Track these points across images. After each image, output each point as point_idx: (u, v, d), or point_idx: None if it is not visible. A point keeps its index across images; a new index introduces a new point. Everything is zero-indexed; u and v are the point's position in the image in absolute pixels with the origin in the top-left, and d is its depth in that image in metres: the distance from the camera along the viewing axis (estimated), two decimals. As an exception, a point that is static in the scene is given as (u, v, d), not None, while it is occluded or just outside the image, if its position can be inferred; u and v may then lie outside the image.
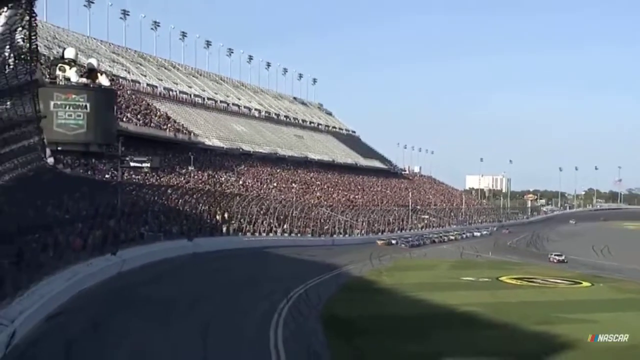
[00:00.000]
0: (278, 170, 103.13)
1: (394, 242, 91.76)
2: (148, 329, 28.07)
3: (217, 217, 68.91)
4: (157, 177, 67.28)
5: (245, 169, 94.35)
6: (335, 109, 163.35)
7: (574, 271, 63.75)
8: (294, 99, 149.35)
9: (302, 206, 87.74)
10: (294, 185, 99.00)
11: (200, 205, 66.57)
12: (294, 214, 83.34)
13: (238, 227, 70.87)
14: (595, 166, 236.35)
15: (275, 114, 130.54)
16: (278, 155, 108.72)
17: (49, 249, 32.63)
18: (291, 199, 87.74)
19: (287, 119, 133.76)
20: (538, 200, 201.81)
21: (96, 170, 58.53)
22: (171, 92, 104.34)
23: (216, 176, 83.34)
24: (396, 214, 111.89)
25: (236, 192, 77.71)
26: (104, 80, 41.53)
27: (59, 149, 37.97)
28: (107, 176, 57.58)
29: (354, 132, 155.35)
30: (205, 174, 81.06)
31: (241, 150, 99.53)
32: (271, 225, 77.24)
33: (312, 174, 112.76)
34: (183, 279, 44.26)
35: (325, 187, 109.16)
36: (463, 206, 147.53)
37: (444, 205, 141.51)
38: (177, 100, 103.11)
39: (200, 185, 73.41)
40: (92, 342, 25.07)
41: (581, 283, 55.38)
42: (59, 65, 40.47)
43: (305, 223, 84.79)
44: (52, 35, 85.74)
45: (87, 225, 41.66)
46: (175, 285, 40.96)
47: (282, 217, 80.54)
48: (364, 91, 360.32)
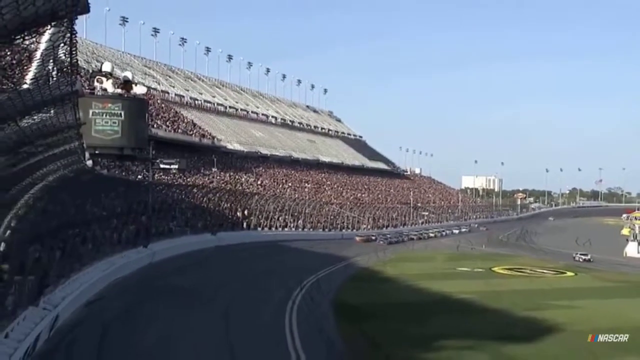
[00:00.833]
0: (292, 172, 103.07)
1: (373, 239, 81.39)
2: (176, 313, 28.19)
3: (238, 214, 69.04)
4: (184, 178, 67.41)
5: (263, 171, 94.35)
6: (344, 116, 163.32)
7: (559, 262, 63.53)
8: (307, 107, 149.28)
9: (314, 204, 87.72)
10: (306, 185, 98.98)
11: (223, 203, 66.72)
12: (306, 211, 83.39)
13: (256, 223, 71.02)
14: (579, 168, 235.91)
15: (290, 121, 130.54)
16: (292, 158, 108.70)
17: (88, 242, 32.82)
18: (304, 198, 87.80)
19: (301, 125, 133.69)
20: (527, 199, 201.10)
21: (130, 171, 58.73)
22: (196, 101, 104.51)
23: (237, 177, 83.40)
24: (399, 210, 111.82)
25: (255, 191, 77.80)
26: (139, 90, 41.69)
27: (96, 152, 38.16)
28: (139, 177, 57.76)
29: (361, 137, 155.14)
30: (227, 175, 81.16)
31: (259, 153, 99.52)
32: (286, 221, 77.34)
33: (323, 174, 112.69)
34: (207, 269, 44.40)
35: (335, 186, 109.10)
36: (459, 204, 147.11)
37: (442, 203, 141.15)
38: (202, 109, 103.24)
39: (223, 185, 73.50)
40: (126, 325, 25.22)
41: (566, 273, 55.16)
42: (97, 77, 40.69)
43: (317, 219, 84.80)
44: (91, 51, 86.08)
45: (122, 221, 41.87)
46: (200, 274, 41.08)
47: (296, 214, 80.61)
48: (370, 100, 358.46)
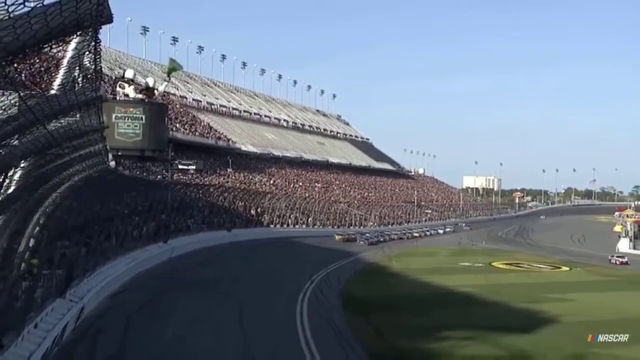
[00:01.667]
0: (303, 172, 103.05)
1: (353, 237, 71.73)
2: (195, 303, 28.27)
3: (252, 212, 69.10)
4: (201, 178, 67.53)
5: (275, 171, 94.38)
6: (351, 119, 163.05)
7: (555, 257, 63.34)
8: (317, 111, 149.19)
9: (324, 202, 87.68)
10: (316, 184, 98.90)
11: (237, 202, 66.79)
12: (316, 209, 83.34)
13: (269, 220, 71.10)
14: (574, 168, 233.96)
15: (300, 124, 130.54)
16: (303, 159, 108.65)
17: (111, 238, 32.91)
18: (314, 196, 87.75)
19: (311, 128, 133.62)
20: (524, 198, 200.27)
21: (150, 172, 58.88)
22: (213, 106, 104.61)
23: (250, 177, 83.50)
24: (403, 209, 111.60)
25: (267, 191, 77.84)
26: (160, 87, 41.68)
27: (119, 154, 38.11)
28: (159, 177, 57.89)
29: (368, 139, 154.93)
30: (241, 175, 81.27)
31: (272, 154, 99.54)
32: (297, 219, 77.36)
33: (332, 175, 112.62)
34: (223, 263, 44.46)
35: (343, 186, 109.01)
36: (460, 202, 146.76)
37: (444, 201, 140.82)
38: (217, 113, 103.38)
39: (237, 185, 73.58)
40: (148, 315, 25.30)
41: (561, 268, 55.02)
42: (120, 83, 40.77)
43: (326, 217, 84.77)
44: (114, 58, 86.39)
45: (143, 218, 41.93)
46: (217, 268, 41.14)
47: (306, 212, 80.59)
48: (376, 104, 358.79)
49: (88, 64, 10.96)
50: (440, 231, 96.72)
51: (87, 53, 10.25)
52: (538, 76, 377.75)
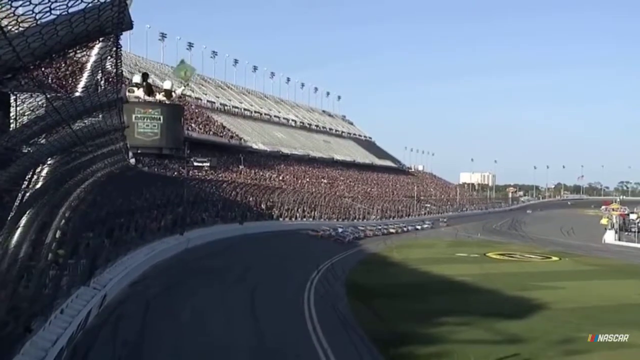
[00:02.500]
0: (310, 169, 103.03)
1: (328, 233, 62.05)
2: (209, 290, 28.37)
3: (262, 206, 69.13)
4: (215, 174, 67.63)
5: (284, 168, 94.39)
6: (355, 119, 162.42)
7: (545, 248, 63.20)
8: (323, 111, 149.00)
9: (329, 197, 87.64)
10: (322, 180, 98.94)
11: (249, 196, 66.84)
12: (322, 203, 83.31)
13: (278, 214, 71.14)
14: (563, 165, 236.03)
15: (307, 124, 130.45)
16: (310, 156, 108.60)
17: (131, 230, 33.04)
18: (320, 192, 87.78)
19: (317, 128, 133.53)
20: (517, 192, 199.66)
21: (167, 168, 59.02)
22: (226, 107, 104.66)
23: (261, 173, 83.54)
24: (404, 203, 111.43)
25: (277, 186, 77.84)
26: (178, 91, 41.70)
27: (138, 151, 38.35)
28: (175, 173, 58.05)
29: (371, 138, 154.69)
30: (252, 172, 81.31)
31: (281, 152, 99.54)
32: (304, 212, 77.38)
33: (337, 171, 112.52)
34: (235, 254, 44.51)
35: (348, 181, 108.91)
36: (457, 197, 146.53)
37: (442, 196, 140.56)
38: (230, 113, 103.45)
39: (248, 180, 73.64)
40: (166, 301, 25.39)
41: (551, 258, 54.86)
42: (129, 88, 40.67)
43: (331, 210, 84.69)
44: (134, 63, 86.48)
45: (161, 211, 42.07)
46: (229, 258, 41.22)
47: (313, 206, 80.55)
48: (378, 105, 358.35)
49: (110, 68, 10.99)
50: (419, 227, 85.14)
51: (109, 58, 10.27)
52: (530, 79, 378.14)
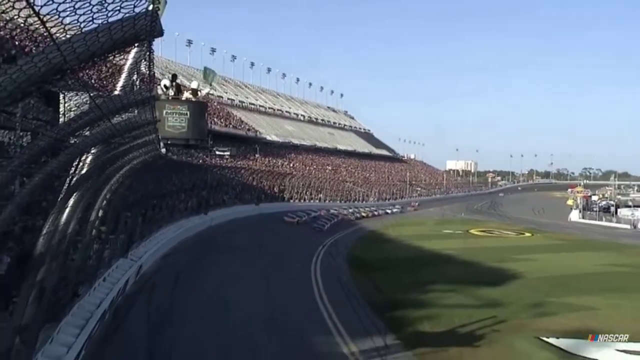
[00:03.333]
0: (316, 157, 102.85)
1: (304, 219, 53.71)
2: (230, 262, 28.57)
3: (275, 189, 69.28)
4: (234, 162, 67.69)
5: (294, 156, 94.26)
6: (356, 114, 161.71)
7: (520, 225, 63.18)
8: (328, 107, 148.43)
9: (333, 182, 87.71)
10: (327, 167, 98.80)
11: (263, 181, 67.01)
12: (327, 187, 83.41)
13: (289, 196, 71.23)
14: (535, 154, 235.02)
15: (314, 118, 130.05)
16: (316, 146, 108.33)
17: (163, 210, 33.18)
18: (325, 177, 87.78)
19: (323, 122, 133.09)
20: (496, 178, 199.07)
21: (193, 157, 58.95)
22: (243, 104, 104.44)
23: (274, 161, 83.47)
24: (398, 187, 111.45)
25: (288, 172, 77.91)
26: (204, 91, 41.65)
27: (168, 142, 38.19)
28: (200, 161, 58.14)
29: (369, 130, 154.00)
30: (267, 160, 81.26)
31: (291, 143, 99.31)
32: (311, 195, 77.46)
33: (340, 159, 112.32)
34: (252, 230, 44.68)
35: (349, 168, 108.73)
36: (444, 182, 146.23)
37: (431, 181, 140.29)
38: (247, 109, 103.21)
39: (263, 167, 73.68)
40: (193, 271, 25.57)
41: (524, 234, 54.90)
42: (156, 87, 40.60)
43: (335, 193, 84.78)
44: (164, 65, 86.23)
45: (188, 194, 42.23)
46: (247, 234, 41.40)
47: (319, 189, 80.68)
48: (376, 101, 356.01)
49: (144, 70, 11.01)
50: (389, 211, 78.56)
51: (143, 61, 10.28)
52: (507, 77, 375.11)
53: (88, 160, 10.40)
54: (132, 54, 9.86)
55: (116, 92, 10.07)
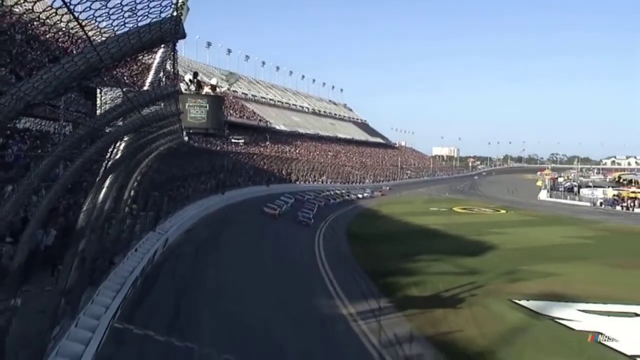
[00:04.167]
0: (319, 145, 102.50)
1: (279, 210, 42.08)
2: (244, 235, 28.69)
3: (283, 172, 69.24)
4: (247, 149, 67.58)
5: (300, 144, 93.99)
6: (354, 106, 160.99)
7: (496, 203, 63.16)
8: (329, 101, 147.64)
9: (334, 166, 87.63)
10: (329, 153, 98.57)
11: (273, 165, 66.94)
12: (329, 170, 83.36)
13: (296, 178, 71.22)
14: (509, 141, 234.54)
15: (317, 110, 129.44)
16: (319, 135, 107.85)
17: (186, 190, 33.24)
18: (327, 162, 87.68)
19: (325, 113, 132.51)
20: (475, 162, 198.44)
21: (212, 144, 58.99)
22: (256, 98, 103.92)
23: (282, 148, 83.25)
24: (390, 170, 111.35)
25: (294, 157, 77.82)
26: (224, 88, 41.41)
27: (190, 131, 38.30)
28: (218, 148, 58.11)
29: (365, 120, 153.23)
30: (276, 147, 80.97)
31: (297, 132, 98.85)
32: (315, 177, 77.45)
33: (340, 146, 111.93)
34: (262, 206, 44.67)
35: (348, 154, 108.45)
36: (431, 165, 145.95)
37: (419, 165, 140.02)
38: (259, 102, 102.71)
39: (273, 153, 73.60)
40: (212, 243, 25.72)
41: (500, 211, 54.91)
42: (182, 84, 40.37)
43: (335, 175, 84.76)
44: (187, 64, 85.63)
45: (207, 176, 42.25)
46: (258, 212, 41.46)
47: (321, 172, 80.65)
48: (371, 95, 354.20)
49: (169, 68, 10.99)
50: (360, 196, 69.04)
51: (168, 60, 10.27)
52: (483, 67, 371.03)
53: (121, 147, 10.45)
54: (158, 54, 9.86)
55: (145, 88, 10.08)
